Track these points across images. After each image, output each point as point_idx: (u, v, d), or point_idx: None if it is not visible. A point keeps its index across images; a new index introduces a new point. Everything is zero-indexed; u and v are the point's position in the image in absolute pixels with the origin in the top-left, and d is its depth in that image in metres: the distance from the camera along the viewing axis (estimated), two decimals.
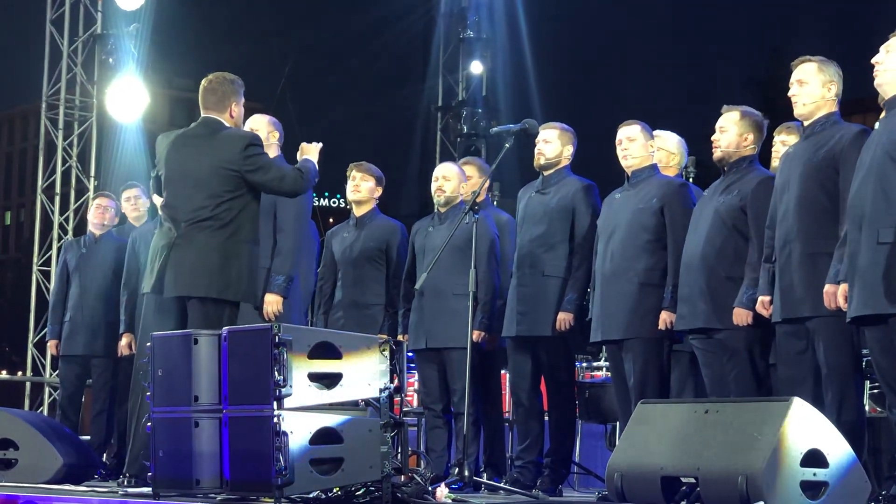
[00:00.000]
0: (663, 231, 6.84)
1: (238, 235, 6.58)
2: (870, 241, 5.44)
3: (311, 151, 6.95)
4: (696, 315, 6.42)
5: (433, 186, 7.82)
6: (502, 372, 8.24)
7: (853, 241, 5.53)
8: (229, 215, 6.56)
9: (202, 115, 6.79)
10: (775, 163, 6.72)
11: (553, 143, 7.42)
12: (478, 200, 7.02)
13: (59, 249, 13.17)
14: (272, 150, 7.41)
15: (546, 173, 7.45)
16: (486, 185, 7.52)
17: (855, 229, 5.52)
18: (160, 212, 6.87)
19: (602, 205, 7.19)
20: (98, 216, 9.47)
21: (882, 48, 5.63)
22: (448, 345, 7.49)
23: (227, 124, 6.72)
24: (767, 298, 6.06)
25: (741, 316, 6.22)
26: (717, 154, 6.57)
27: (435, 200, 7.82)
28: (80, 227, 14.02)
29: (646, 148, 7.05)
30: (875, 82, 5.64)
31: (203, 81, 6.81)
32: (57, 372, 11.55)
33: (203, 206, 6.56)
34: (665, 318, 6.71)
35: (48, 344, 9.56)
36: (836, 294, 5.62)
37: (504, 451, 7.99)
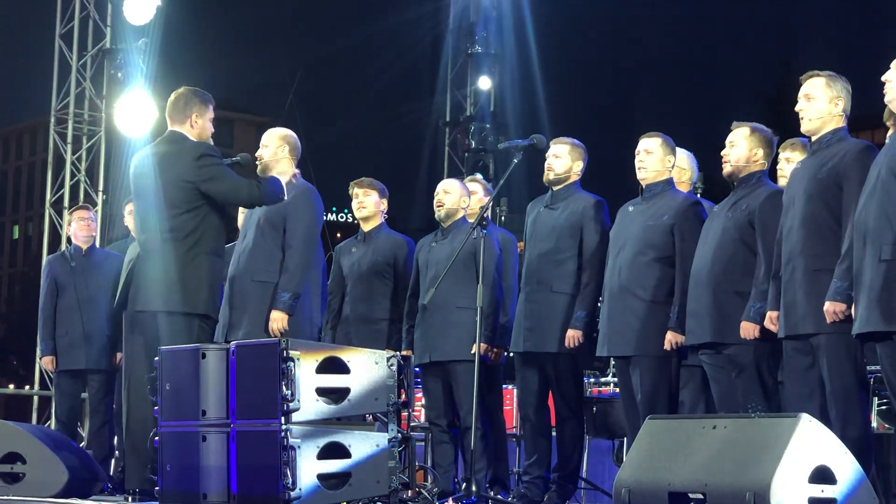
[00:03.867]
0: (673, 249, 6.82)
1: (198, 248, 6.68)
2: (873, 257, 5.44)
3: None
4: (704, 330, 6.41)
5: (434, 200, 7.83)
6: (508, 387, 8.23)
7: (858, 258, 5.53)
8: (188, 227, 6.67)
9: (168, 128, 6.92)
10: (782, 180, 6.71)
11: (563, 159, 7.41)
12: (485, 216, 7.03)
13: None
14: (284, 164, 7.43)
15: (555, 188, 7.44)
16: (491, 203, 7.50)
17: (860, 245, 5.53)
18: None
19: (617, 215, 7.16)
20: (84, 229, 9.43)
21: (893, 64, 5.61)
22: (453, 357, 7.48)
23: (189, 136, 6.84)
24: (775, 314, 6.05)
25: (748, 330, 6.21)
26: (726, 169, 6.58)
27: (436, 214, 7.83)
28: None
29: (663, 162, 7.01)
30: (885, 98, 5.64)
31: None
32: None
33: (162, 219, 6.69)
34: (670, 338, 6.70)
35: (43, 360, 9.45)
36: (835, 311, 5.63)
37: (508, 466, 7.97)
